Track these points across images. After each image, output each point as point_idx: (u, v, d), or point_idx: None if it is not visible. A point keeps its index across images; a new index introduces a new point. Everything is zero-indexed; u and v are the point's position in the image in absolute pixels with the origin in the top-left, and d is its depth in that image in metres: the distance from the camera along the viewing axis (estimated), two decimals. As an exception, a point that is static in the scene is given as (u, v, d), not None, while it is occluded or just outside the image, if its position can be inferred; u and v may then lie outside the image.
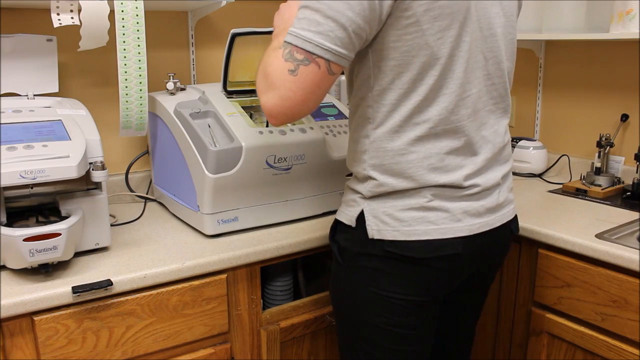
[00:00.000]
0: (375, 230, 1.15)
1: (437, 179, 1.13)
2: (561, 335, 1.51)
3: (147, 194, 1.79)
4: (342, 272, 1.24)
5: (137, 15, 1.44)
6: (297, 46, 1.02)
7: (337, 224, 1.25)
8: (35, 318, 1.14)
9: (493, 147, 1.20)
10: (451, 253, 1.16)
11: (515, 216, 1.32)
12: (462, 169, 1.15)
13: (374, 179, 1.15)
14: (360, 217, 1.17)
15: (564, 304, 1.50)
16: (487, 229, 1.20)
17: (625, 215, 1.64)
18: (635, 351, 1.37)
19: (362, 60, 1.13)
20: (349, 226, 1.19)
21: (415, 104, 1.10)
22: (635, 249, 1.37)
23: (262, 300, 1.44)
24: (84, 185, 1.33)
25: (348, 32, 1.01)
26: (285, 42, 1.03)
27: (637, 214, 1.66)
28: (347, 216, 1.20)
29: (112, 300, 1.20)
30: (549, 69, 2.15)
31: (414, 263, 1.15)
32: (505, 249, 1.33)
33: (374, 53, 1.10)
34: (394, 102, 1.11)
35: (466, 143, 1.15)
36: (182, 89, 1.61)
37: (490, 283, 1.41)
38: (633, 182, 1.83)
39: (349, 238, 1.20)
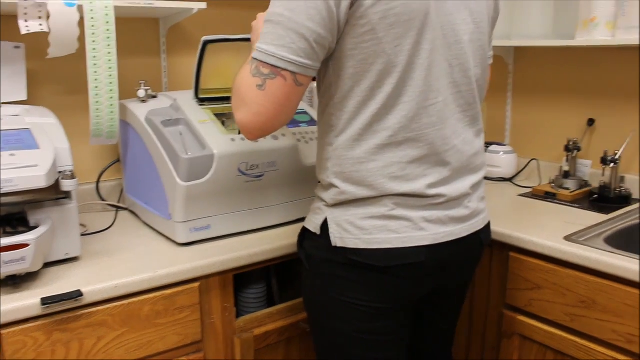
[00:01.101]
0: (338, 238, 1.15)
1: (397, 187, 1.13)
2: (532, 336, 1.54)
3: (118, 202, 1.77)
4: (309, 279, 1.26)
5: (107, 22, 1.43)
6: (262, 61, 1.03)
7: (304, 231, 1.26)
8: (3, 331, 1.11)
9: (461, 156, 1.19)
10: (413, 261, 1.15)
11: (487, 226, 1.31)
12: (425, 178, 1.14)
13: (335, 186, 1.16)
14: (324, 225, 1.18)
15: (534, 305, 1.52)
16: (453, 238, 1.19)
17: (593, 217, 1.68)
18: (603, 350, 1.40)
19: (324, 68, 1.13)
20: (315, 233, 1.20)
21: (374, 112, 1.10)
22: (602, 250, 1.40)
23: (235, 308, 1.43)
24: (54, 194, 1.31)
25: (310, 42, 1.02)
26: (253, 57, 1.05)
27: (604, 216, 1.69)
28: (313, 224, 1.21)
29: (83, 311, 1.19)
30: (518, 75, 2.19)
31: (377, 271, 1.15)
32: (475, 259, 1.32)
33: (334, 61, 1.10)
34: (353, 109, 1.11)
35: (430, 152, 1.14)
36: (154, 97, 1.60)
37: (465, 290, 1.41)
38: (600, 185, 1.87)
39: (315, 246, 1.21)
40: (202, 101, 1.55)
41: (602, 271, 1.37)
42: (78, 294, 1.16)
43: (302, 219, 1.57)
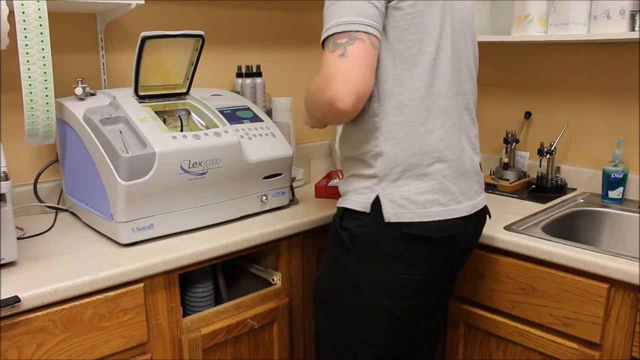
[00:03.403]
0: (392, 214, 1.20)
1: (445, 152, 1.22)
2: (476, 324, 1.58)
3: (57, 204, 1.72)
4: (349, 260, 1.26)
5: (40, 17, 1.38)
6: (338, 33, 1.10)
7: (344, 212, 1.27)
8: None
9: (470, 130, 1.30)
10: (457, 232, 1.25)
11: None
12: (460, 147, 1.25)
13: (386, 154, 1.20)
14: (376, 203, 1.21)
15: (478, 294, 1.57)
16: (476, 210, 1.29)
17: (531, 207, 1.74)
18: (542, 334, 1.46)
19: None
20: (362, 212, 1.23)
21: (419, 77, 1.18)
22: (540, 238, 1.46)
23: (182, 308, 1.41)
24: (-14, 197, 1.26)
25: (377, 8, 1.12)
26: (326, 38, 1.12)
27: (542, 205, 1.76)
28: (359, 203, 1.23)
29: (21, 318, 1.15)
30: (458, 70, 2.23)
31: (426, 243, 1.21)
32: (480, 232, 1.40)
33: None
34: (397, 77, 1.18)
35: (460, 121, 1.26)
36: (92, 94, 1.56)
37: (461, 267, 1.47)
38: (537, 176, 1.94)
39: (361, 224, 1.23)
40: (142, 98, 1.51)
41: (540, 258, 1.42)
42: (15, 299, 1.12)
43: (248, 216, 1.58)
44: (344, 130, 1.31)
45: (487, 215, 1.38)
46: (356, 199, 1.25)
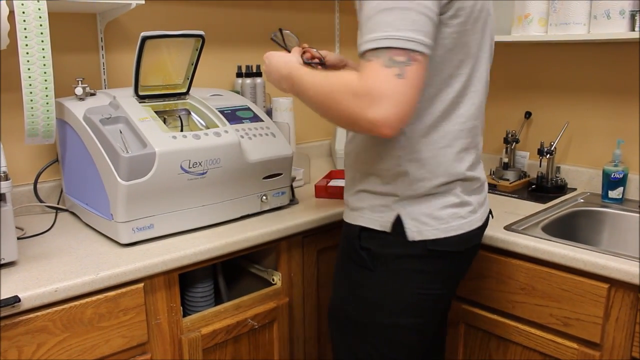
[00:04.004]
0: (416, 232, 1.17)
1: (466, 172, 1.19)
2: (477, 324, 1.58)
3: (58, 204, 1.72)
4: (371, 279, 1.22)
5: (40, 17, 1.38)
6: (395, 48, 0.98)
7: (361, 231, 1.22)
8: None
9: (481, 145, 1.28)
10: (475, 243, 1.25)
11: None
12: (475, 164, 1.23)
13: (409, 174, 1.16)
14: (397, 222, 1.17)
15: (478, 294, 1.56)
16: (485, 219, 1.29)
17: (531, 206, 1.74)
18: (542, 334, 1.46)
19: None
20: (382, 232, 1.19)
21: (450, 100, 1.14)
22: (540, 238, 1.46)
23: (182, 308, 1.41)
24: (-14, 197, 1.26)
25: (434, 24, 1.03)
26: (379, 48, 0.99)
27: (542, 205, 1.76)
28: (379, 222, 1.19)
29: (21, 318, 1.15)
30: (458, 70, 2.23)
31: (449, 257, 1.20)
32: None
33: None
34: (430, 97, 1.13)
35: (476, 137, 1.22)
36: (92, 94, 1.56)
37: None
38: (537, 176, 1.94)
39: (383, 244, 1.19)
40: (142, 98, 1.51)
41: (540, 258, 1.42)
42: (15, 299, 1.12)
43: (247, 216, 1.58)
44: (357, 142, 1.24)
45: (490, 215, 1.37)
46: (373, 217, 1.20)
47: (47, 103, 1.43)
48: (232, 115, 1.60)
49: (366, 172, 1.22)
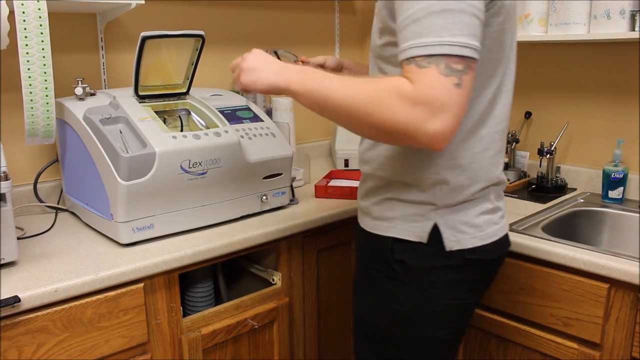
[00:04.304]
0: (454, 241, 1.12)
1: (500, 176, 1.16)
2: (477, 324, 1.58)
3: (58, 204, 1.72)
4: (404, 292, 1.16)
5: (40, 17, 1.38)
6: (454, 55, 0.90)
7: (393, 243, 1.15)
8: None
9: None
10: (508, 249, 1.22)
11: None
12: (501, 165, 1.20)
13: (447, 182, 1.10)
14: (434, 231, 1.12)
15: (477, 294, 1.56)
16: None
17: (532, 206, 1.74)
18: (542, 334, 1.45)
19: None
20: (417, 242, 1.13)
21: (487, 102, 1.10)
22: (540, 238, 1.46)
23: (182, 308, 1.41)
24: (-14, 197, 1.26)
25: (482, 24, 0.96)
26: (434, 55, 0.91)
27: (542, 205, 1.76)
28: (413, 233, 1.13)
29: (21, 318, 1.15)
30: (458, 70, 2.23)
31: (485, 264, 1.17)
32: None
33: None
34: (470, 100, 1.05)
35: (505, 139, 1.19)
36: (92, 94, 1.56)
37: None
38: (537, 176, 1.94)
39: (418, 255, 1.13)
40: (142, 98, 1.51)
41: (540, 258, 1.42)
42: (15, 299, 1.12)
43: (247, 216, 1.58)
44: (381, 149, 1.16)
45: None
46: (407, 227, 1.13)
47: (47, 103, 1.43)
48: (232, 115, 1.60)
49: (396, 180, 1.15)
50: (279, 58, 1.29)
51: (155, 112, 1.48)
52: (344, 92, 0.99)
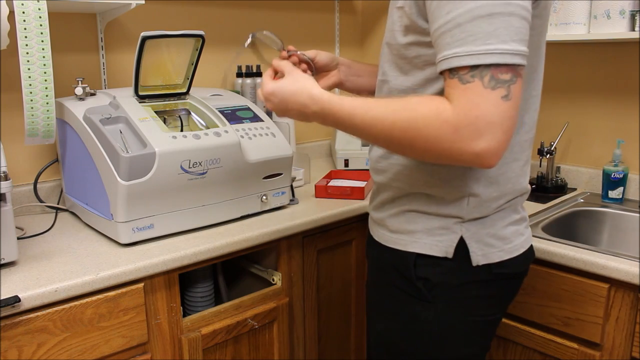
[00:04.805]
0: (481, 255, 1.05)
1: (527, 185, 1.11)
2: (476, 324, 1.58)
3: (58, 204, 1.72)
4: (428, 311, 1.09)
5: (40, 17, 1.38)
6: (502, 65, 0.84)
7: (415, 259, 1.08)
8: None
9: None
10: (533, 260, 1.17)
11: None
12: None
13: (475, 195, 1.04)
14: (460, 245, 1.05)
15: (477, 294, 1.56)
16: None
17: (531, 206, 1.74)
18: (542, 334, 1.45)
19: None
20: (442, 258, 1.06)
21: (520, 108, 1.01)
22: (541, 238, 1.46)
23: (182, 308, 1.41)
24: (-14, 197, 1.26)
25: (530, 26, 0.88)
26: (478, 65, 0.84)
27: (542, 205, 1.75)
28: (438, 247, 1.06)
29: (21, 318, 1.15)
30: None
31: (512, 278, 1.12)
32: None
33: None
34: None
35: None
36: (92, 94, 1.56)
37: None
38: (537, 176, 1.94)
39: (443, 271, 1.06)
40: (142, 98, 1.51)
41: (540, 258, 1.42)
42: (15, 299, 1.12)
43: (247, 216, 1.57)
44: (399, 158, 1.09)
45: None
46: (431, 241, 1.06)
47: (47, 103, 1.43)
48: (232, 115, 1.60)
49: (417, 191, 1.08)
50: (258, 41, 1.24)
51: (155, 112, 1.48)
52: (379, 123, 0.93)
